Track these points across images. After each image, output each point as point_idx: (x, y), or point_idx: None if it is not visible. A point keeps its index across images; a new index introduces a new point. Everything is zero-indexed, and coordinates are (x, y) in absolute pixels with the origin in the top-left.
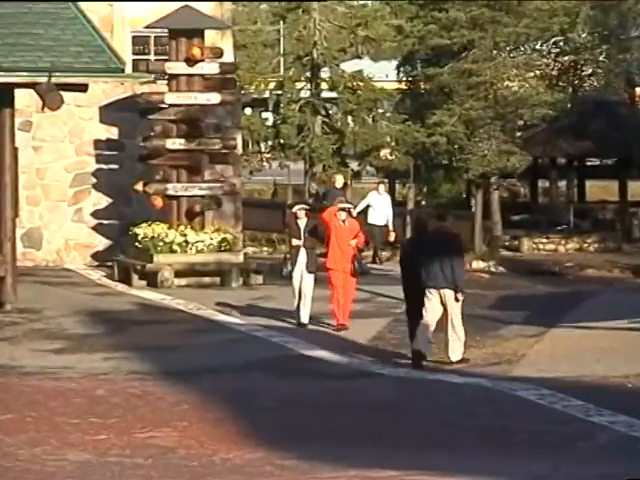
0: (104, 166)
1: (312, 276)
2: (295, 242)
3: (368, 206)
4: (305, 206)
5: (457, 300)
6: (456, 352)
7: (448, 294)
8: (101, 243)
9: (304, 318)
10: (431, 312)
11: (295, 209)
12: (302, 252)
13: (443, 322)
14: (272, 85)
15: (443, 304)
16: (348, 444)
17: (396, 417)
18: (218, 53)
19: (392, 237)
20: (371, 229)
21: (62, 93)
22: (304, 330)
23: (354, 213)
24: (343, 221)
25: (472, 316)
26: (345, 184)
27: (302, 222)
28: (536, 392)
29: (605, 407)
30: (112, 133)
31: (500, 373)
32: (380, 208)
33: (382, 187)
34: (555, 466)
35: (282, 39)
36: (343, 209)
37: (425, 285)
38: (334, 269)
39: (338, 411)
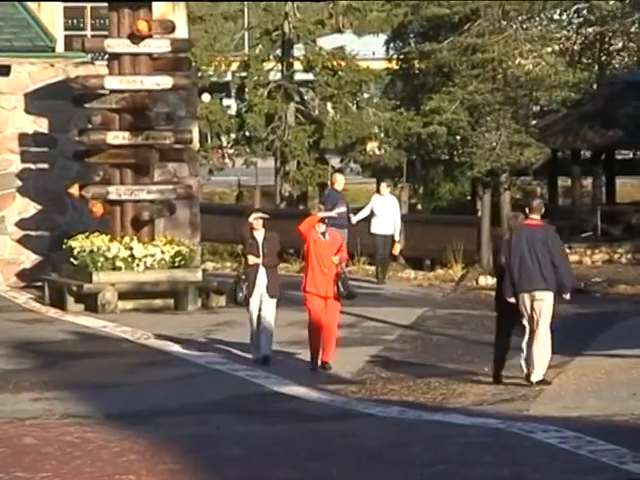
0: (31, 165)
1: (274, 301)
2: (252, 259)
3: (372, 213)
4: (262, 215)
5: (564, 299)
6: (539, 371)
7: (543, 296)
8: (28, 259)
9: (266, 350)
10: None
11: (251, 218)
12: (261, 271)
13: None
14: (235, 66)
15: (532, 309)
16: None
17: (384, 467)
18: (169, 27)
19: (397, 249)
20: (374, 240)
21: None
22: (276, 363)
23: (353, 221)
24: (323, 234)
25: (479, 342)
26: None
27: (259, 234)
28: (558, 434)
29: None
30: (41, 125)
31: (514, 412)
32: (383, 214)
33: (385, 187)
34: None
35: (246, 10)
36: (323, 220)
37: (518, 290)
38: (314, 293)
39: (316, 460)
